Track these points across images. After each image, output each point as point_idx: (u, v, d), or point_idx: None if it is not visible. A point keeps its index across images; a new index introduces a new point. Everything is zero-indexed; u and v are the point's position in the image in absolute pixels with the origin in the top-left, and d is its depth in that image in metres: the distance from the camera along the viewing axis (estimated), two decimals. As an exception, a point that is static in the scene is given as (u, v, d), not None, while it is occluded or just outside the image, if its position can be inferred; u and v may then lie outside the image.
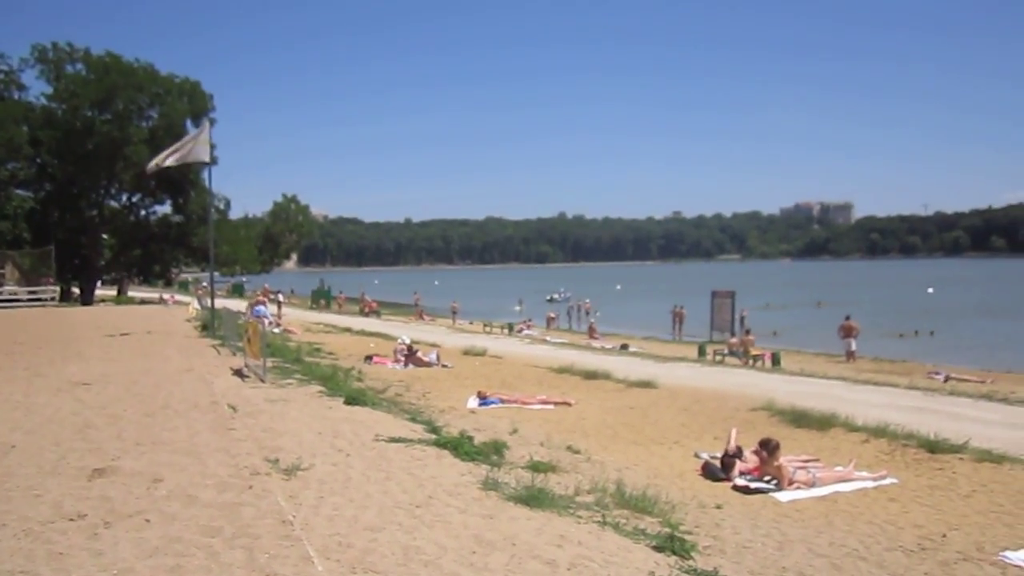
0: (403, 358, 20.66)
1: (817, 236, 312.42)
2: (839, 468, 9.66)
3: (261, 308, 28.78)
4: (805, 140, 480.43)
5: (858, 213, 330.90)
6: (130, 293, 55.10)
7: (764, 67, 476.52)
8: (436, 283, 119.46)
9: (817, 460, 10.13)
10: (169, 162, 20.23)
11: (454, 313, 49.03)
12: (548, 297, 73.70)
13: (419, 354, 20.93)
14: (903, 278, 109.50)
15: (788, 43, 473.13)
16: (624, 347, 30.46)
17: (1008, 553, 6.88)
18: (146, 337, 20.83)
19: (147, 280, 53.78)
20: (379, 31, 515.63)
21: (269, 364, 13.99)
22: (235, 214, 54.44)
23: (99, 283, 50.62)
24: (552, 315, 49.05)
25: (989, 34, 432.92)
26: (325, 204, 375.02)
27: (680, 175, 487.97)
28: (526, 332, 39.23)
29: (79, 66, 43.37)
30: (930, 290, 75.18)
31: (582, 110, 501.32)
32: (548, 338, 35.58)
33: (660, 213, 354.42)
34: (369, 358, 21.07)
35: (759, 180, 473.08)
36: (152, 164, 20.87)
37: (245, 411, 10.14)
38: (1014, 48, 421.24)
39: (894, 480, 9.40)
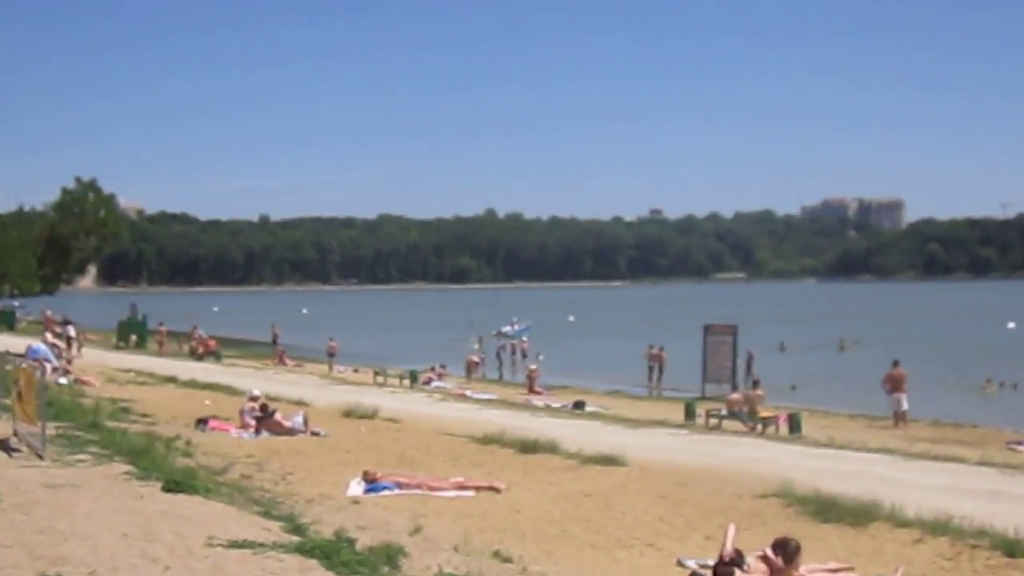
0: (254, 422, 20.38)
1: (854, 247, 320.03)
2: (882, 580, 9.83)
3: (40, 347, 28.09)
4: (837, 113, 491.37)
5: (911, 215, 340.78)
6: None
7: (774, 15, 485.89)
8: (305, 311, 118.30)
9: (852, 569, 10.30)
10: None
11: (331, 356, 48.59)
12: (496, 331, 74.15)
13: (277, 416, 20.68)
14: (974, 307, 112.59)
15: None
16: (579, 405, 30.56)
17: None
18: None
19: None
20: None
21: (51, 431, 13.63)
22: (3, 207, 53.27)
23: None
24: (475, 359, 49.15)
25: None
26: (140, 193, 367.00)
27: (660, 159, 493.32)
28: (437, 384, 39.09)
29: None
30: (1011, 325, 77.47)
31: (518, 65, 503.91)
32: (469, 392, 35.49)
33: (632, 212, 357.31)
34: (203, 422, 20.73)
35: (771, 167, 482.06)
36: None
37: (13, 502, 9.86)
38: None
39: (959, 597, 9.63)
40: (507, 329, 77.36)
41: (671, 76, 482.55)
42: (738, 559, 9.88)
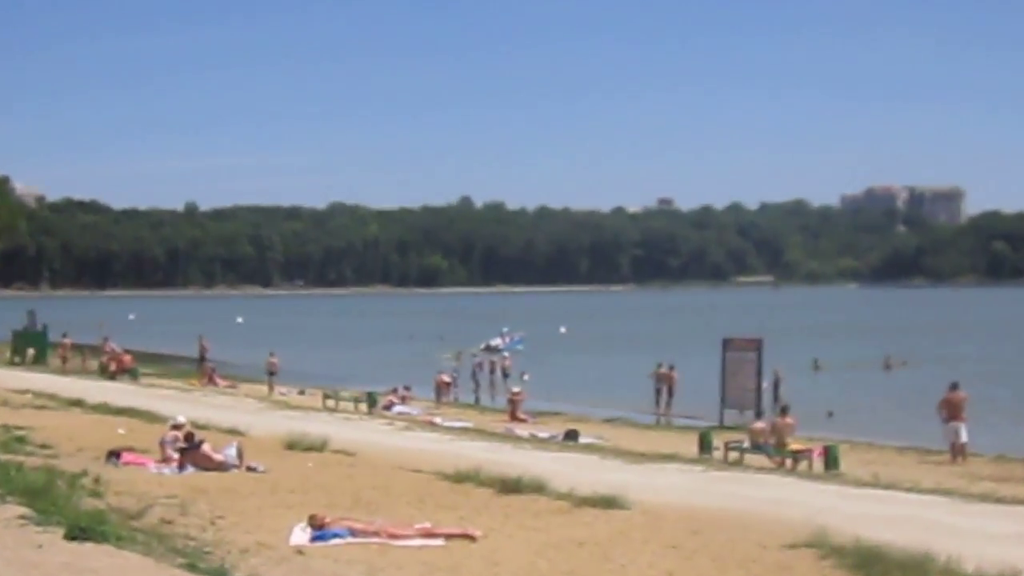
0: (177, 455, 20.31)
1: (903, 244, 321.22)
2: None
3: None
4: (885, 83, 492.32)
5: (971, 207, 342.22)
6: None
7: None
8: (240, 320, 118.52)
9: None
10: None
11: (272, 375, 48.63)
12: (483, 345, 74.29)
13: (206, 448, 20.61)
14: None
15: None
16: (571, 436, 30.64)
17: None
18: None
19: None
20: None
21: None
22: None
23: None
24: (446, 379, 49.14)
25: None
26: (39, 177, 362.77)
27: (671, 138, 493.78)
28: (399, 409, 39.11)
29: None
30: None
31: (500, 26, 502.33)
32: (438, 419, 35.60)
33: (637, 201, 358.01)
34: (115, 455, 20.65)
35: (805, 149, 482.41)
36: None
37: None
38: None
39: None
40: (497, 342, 77.48)
41: (683, 37, 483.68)
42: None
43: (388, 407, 39.32)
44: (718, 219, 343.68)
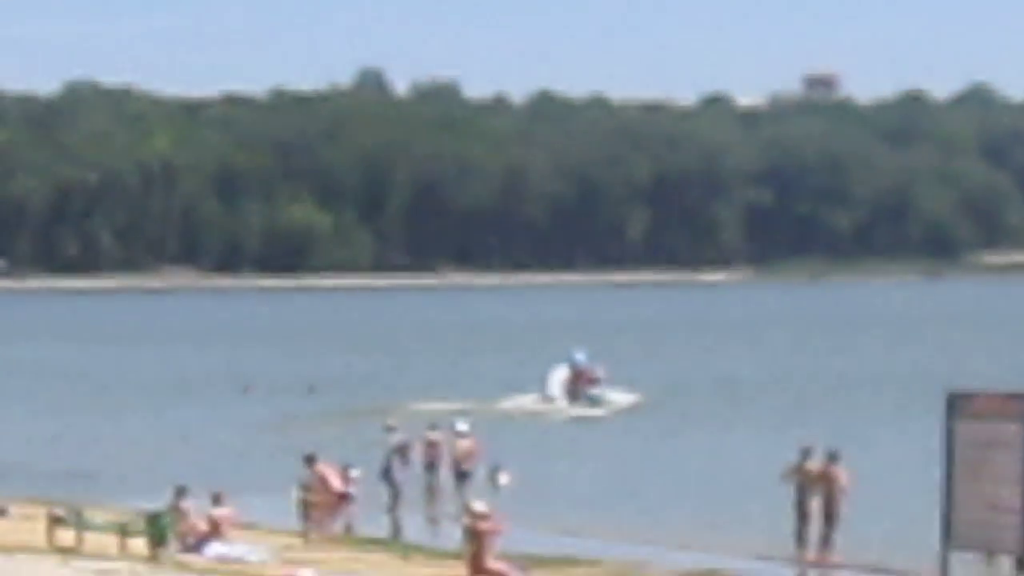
0: None
1: None
2: None
3: None
4: None
5: None
6: None
7: None
8: None
9: None
10: None
11: None
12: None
13: None
14: None
15: None
16: None
17: None
18: None
19: None
20: None
21: None
22: None
23: None
24: (335, 482, 48.75)
25: None
26: None
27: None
28: (218, 551, 39.05)
29: None
30: None
31: None
32: (307, 574, 35.77)
33: (757, 86, 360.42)
34: None
35: None
36: None
37: None
38: None
39: None
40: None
41: None
42: None
43: (195, 545, 39.38)
44: (938, 120, 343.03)
